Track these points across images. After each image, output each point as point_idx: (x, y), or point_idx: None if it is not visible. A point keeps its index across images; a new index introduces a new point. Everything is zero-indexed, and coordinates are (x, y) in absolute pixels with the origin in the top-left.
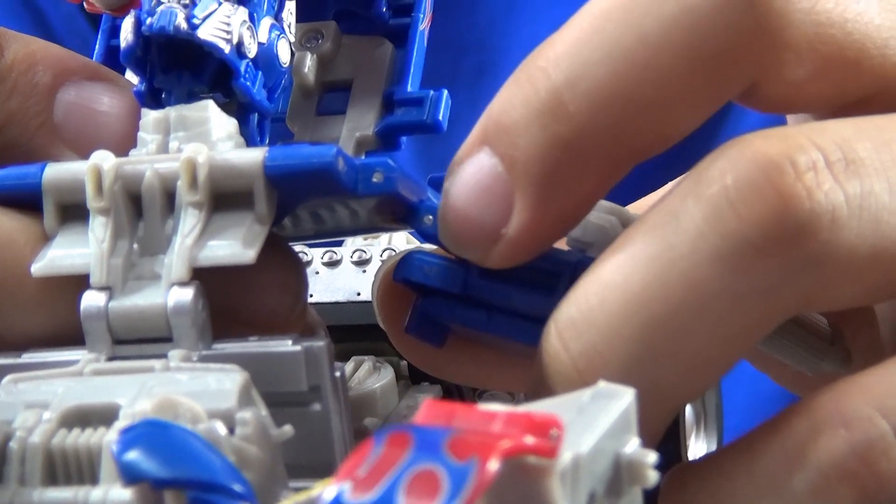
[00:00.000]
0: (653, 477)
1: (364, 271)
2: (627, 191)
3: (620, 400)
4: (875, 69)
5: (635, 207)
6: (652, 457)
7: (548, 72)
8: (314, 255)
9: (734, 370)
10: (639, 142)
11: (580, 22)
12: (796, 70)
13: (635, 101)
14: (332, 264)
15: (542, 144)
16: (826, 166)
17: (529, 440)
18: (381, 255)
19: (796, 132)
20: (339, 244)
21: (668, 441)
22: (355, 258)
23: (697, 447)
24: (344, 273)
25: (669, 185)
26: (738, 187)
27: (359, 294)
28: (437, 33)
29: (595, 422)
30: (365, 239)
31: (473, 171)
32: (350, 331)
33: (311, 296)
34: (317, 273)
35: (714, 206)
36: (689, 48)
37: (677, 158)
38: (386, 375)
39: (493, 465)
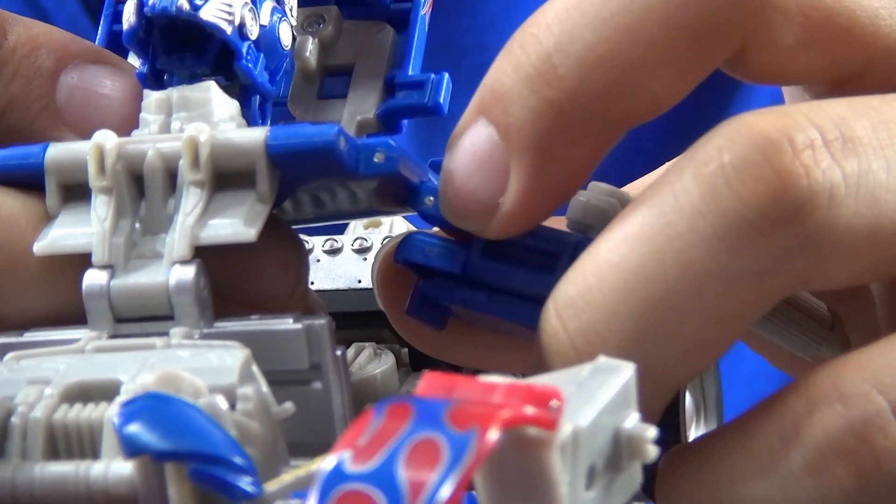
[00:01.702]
0: (652, 452)
1: (365, 259)
2: (634, 171)
3: (620, 374)
4: (866, 38)
5: (634, 188)
6: (652, 431)
7: (538, 37)
8: (315, 243)
9: (733, 369)
10: (628, 106)
11: None
12: (785, 35)
13: (623, 65)
14: (333, 252)
15: (535, 110)
16: (824, 144)
17: (529, 410)
18: (381, 243)
19: (793, 110)
20: (341, 232)
21: (667, 430)
22: (356, 246)
23: (697, 436)
24: (345, 260)
25: (667, 164)
26: (735, 166)
27: (360, 281)
28: (437, 35)
29: (595, 396)
30: (366, 227)
31: (471, 142)
32: (351, 318)
33: (312, 283)
34: (318, 261)
35: (711, 184)
36: (673, 11)
37: (683, 139)
38: (386, 362)
39: (493, 435)
